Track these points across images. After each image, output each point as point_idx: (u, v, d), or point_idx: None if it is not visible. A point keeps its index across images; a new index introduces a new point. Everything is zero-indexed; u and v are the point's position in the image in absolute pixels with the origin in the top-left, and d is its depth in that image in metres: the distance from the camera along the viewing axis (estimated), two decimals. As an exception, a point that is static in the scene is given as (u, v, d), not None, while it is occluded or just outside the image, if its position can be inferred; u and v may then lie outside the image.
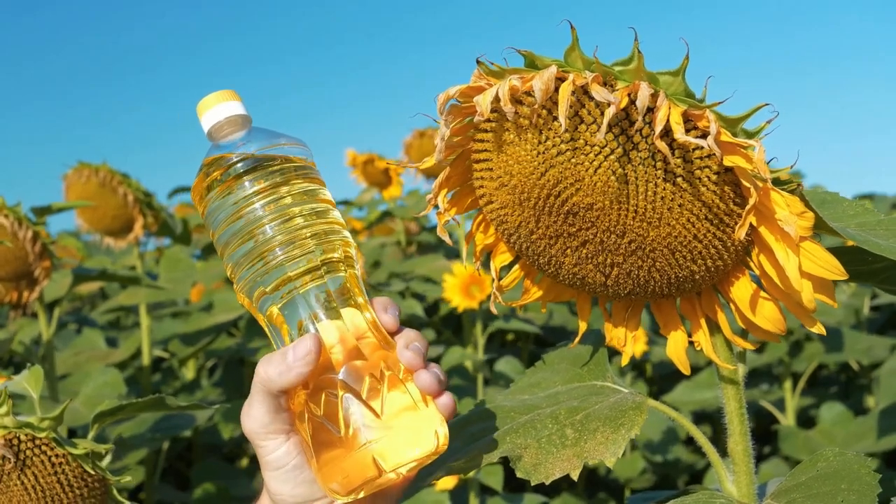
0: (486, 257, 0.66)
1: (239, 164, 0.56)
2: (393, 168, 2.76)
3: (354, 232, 2.94)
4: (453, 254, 2.51)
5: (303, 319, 0.56)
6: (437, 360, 1.99)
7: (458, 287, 1.97)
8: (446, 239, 0.60)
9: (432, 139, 2.52)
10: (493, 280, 0.64)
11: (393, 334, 0.57)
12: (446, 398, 0.56)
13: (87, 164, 1.76)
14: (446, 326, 2.57)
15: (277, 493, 0.56)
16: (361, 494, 0.54)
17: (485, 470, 1.57)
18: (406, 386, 0.55)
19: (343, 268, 0.57)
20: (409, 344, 0.56)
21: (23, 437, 0.75)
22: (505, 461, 0.62)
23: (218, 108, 0.59)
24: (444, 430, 0.55)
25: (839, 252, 0.55)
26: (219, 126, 0.59)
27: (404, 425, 0.54)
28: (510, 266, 0.65)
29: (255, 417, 0.55)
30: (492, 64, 0.52)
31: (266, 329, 0.59)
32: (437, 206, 0.61)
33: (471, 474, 1.57)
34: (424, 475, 0.64)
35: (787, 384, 2.17)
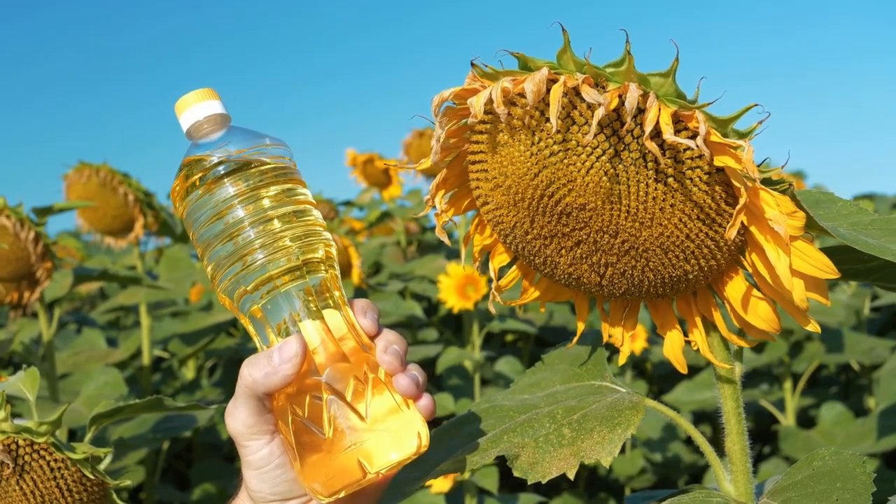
0: (486, 258, 0.66)
1: (219, 167, 0.56)
2: (393, 168, 2.76)
3: (354, 232, 2.94)
4: (454, 254, 2.51)
5: (284, 319, 0.56)
6: (435, 359, 1.99)
7: (453, 287, 1.97)
8: (445, 240, 0.61)
9: (431, 139, 2.52)
10: (493, 280, 0.64)
11: (372, 337, 0.58)
12: (426, 400, 0.56)
13: (87, 163, 1.76)
14: (446, 326, 2.57)
15: (257, 490, 0.57)
16: (342, 494, 0.55)
17: (480, 471, 1.56)
18: (388, 388, 0.56)
19: (324, 268, 0.57)
20: (388, 347, 0.56)
21: (21, 443, 0.74)
22: (501, 461, 0.62)
23: (197, 108, 0.58)
24: (425, 431, 0.55)
25: (837, 251, 0.56)
26: (198, 125, 0.58)
27: (388, 428, 0.55)
28: (509, 266, 0.66)
29: (240, 419, 0.56)
30: (486, 66, 0.53)
31: (249, 329, 0.59)
32: (434, 208, 0.61)
33: (466, 475, 1.57)
34: (422, 474, 0.65)
35: (788, 384, 2.17)
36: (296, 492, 0.57)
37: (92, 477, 0.76)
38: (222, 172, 0.56)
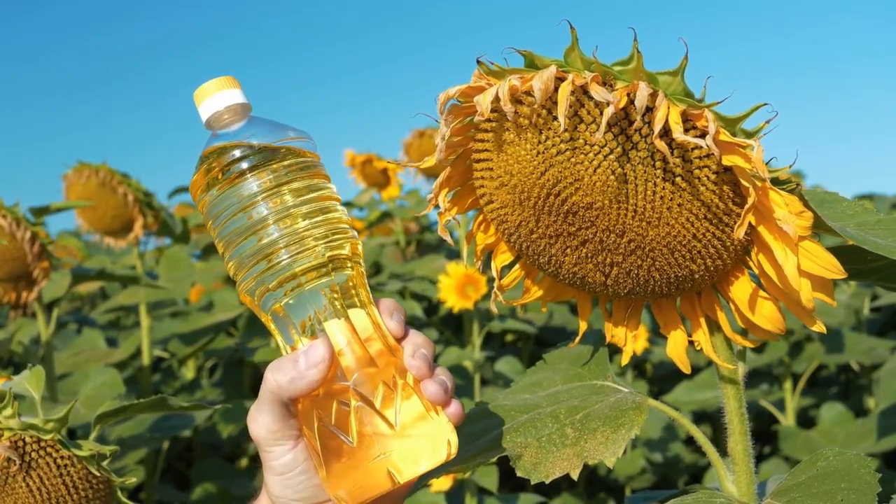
0: (488, 257, 0.66)
1: (243, 161, 0.54)
2: (391, 168, 2.76)
3: (355, 232, 2.94)
4: (454, 254, 2.51)
5: (309, 316, 0.54)
6: (434, 360, 1.99)
7: (452, 287, 1.97)
8: (447, 238, 0.60)
9: (432, 139, 2.52)
10: (495, 279, 0.64)
11: (399, 339, 0.56)
12: (455, 407, 0.54)
13: (87, 163, 1.76)
14: (446, 326, 2.57)
15: (280, 496, 0.55)
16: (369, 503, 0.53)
17: (480, 470, 1.56)
18: (417, 394, 0.54)
19: (350, 265, 0.55)
20: (416, 351, 0.54)
21: (28, 439, 0.74)
22: (502, 461, 0.62)
23: (217, 97, 0.56)
24: (454, 439, 0.54)
25: (839, 251, 0.55)
26: (218, 115, 0.56)
27: (417, 436, 0.53)
28: (511, 265, 0.65)
29: (263, 424, 0.54)
30: (492, 64, 0.53)
31: (270, 328, 0.57)
32: (437, 206, 0.61)
33: (467, 475, 1.57)
34: (423, 476, 0.64)
35: (788, 384, 2.17)
36: (320, 497, 0.55)
37: (97, 474, 0.76)
38: (246, 167, 0.53)
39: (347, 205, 3.07)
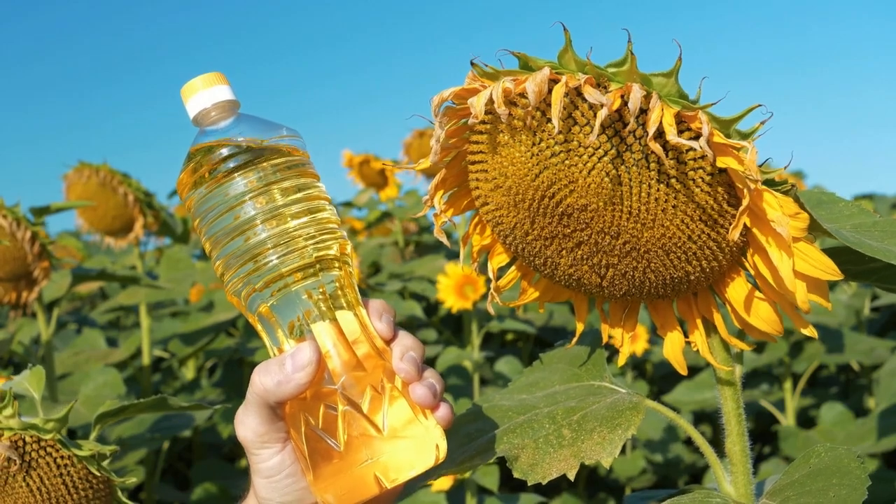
0: (485, 258, 0.66)
1: (230, 160, 0.53)
2: (389, 169, 2.76)
3: (354, 232, 2.94)
4: (453, 255, 2.50)
5: (297, 317, 0.54)
6: (434, 359, 1.99)
7: (451, 287, 1.97)
8: (444, 240, 0.60)
9: (431, 139, 2.51)
10: (491, 281, 0.64)
11: (388, 341, 0.55)
12: (443, 410, 0.54)
13: (87, 163, 1.77)
14: (446, 326, 2.57)
15: (267, 499, 0.55)
16: None
17: (481, 470, 1.56)
18: (406, 398, 0.53)
19: (338, 265, 0.55)
20: (404, 354, 0.54)
21: (28, 439, 0.74)
22: (502, 461, 0.62)
23: (205, 93, 0.55)
24: (443, 443, 0.53)
25: (839, 252, 0.55)
26: (205, 112, 0.55)
27: (405, 440, 0.52)
28: (507, 266, 0.65)
29: (250, 427, 0.54)
30: (486, 66, 0.52)
31: (257, 328, 0.56)
32: (433, 207, 0.61)
33: (467, 474, 1.57)
34: (421, 477, 0.64)
35: (788, 384, 2.17)
36: (307, 500, 0.55)
37: (98, 474, 0.76)
38: (233, 166, 0.53)
39: (347, 205, 3.08)
